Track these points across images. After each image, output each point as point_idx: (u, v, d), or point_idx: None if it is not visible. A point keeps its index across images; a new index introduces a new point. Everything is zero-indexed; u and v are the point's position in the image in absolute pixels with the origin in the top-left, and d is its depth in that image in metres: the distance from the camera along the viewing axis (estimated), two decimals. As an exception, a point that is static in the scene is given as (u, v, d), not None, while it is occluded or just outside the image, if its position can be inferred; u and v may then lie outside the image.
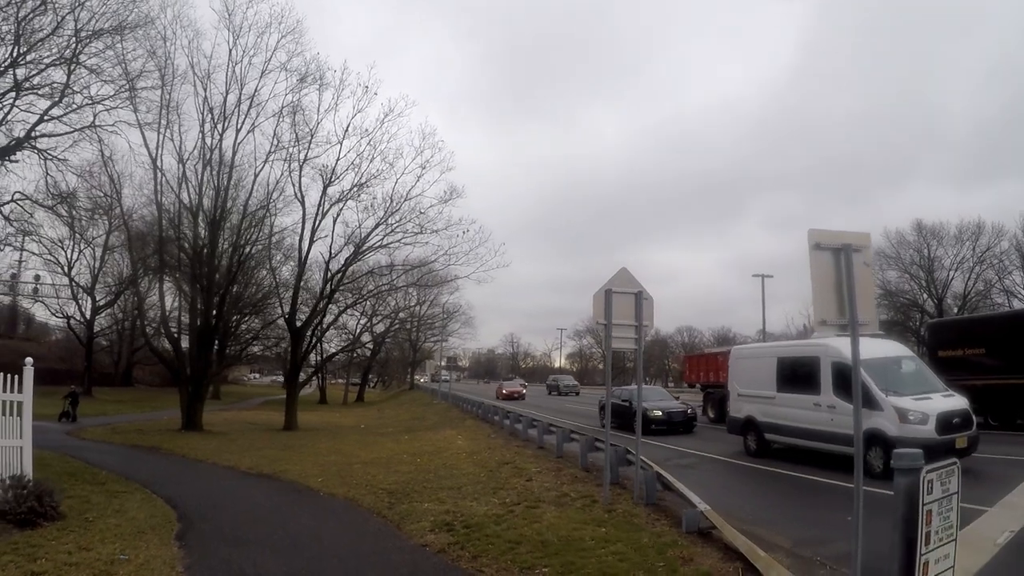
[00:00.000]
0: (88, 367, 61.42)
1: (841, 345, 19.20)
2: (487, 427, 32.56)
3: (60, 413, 34.97)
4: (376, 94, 35.77)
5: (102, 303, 64.63)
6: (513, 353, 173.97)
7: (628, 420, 28.35)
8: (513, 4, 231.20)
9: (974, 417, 17.20)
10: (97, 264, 62.52)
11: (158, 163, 32.64)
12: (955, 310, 63.18)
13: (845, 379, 17.49)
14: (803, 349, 20.98)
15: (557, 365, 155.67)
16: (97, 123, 29.13)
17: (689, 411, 29.03)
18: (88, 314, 64.82)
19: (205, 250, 34.59)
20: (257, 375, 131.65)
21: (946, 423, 16.08)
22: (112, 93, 29.06)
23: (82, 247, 60.92)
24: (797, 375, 19.86)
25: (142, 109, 31.28)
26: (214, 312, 35.03)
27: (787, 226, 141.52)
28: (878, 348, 19.01)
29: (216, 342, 35.79)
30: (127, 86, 29.24)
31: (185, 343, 36.21)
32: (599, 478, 15.86)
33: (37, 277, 64.34)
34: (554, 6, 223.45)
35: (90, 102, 28.45)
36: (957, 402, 17.16)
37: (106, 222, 42.81)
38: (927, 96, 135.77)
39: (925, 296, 70.67)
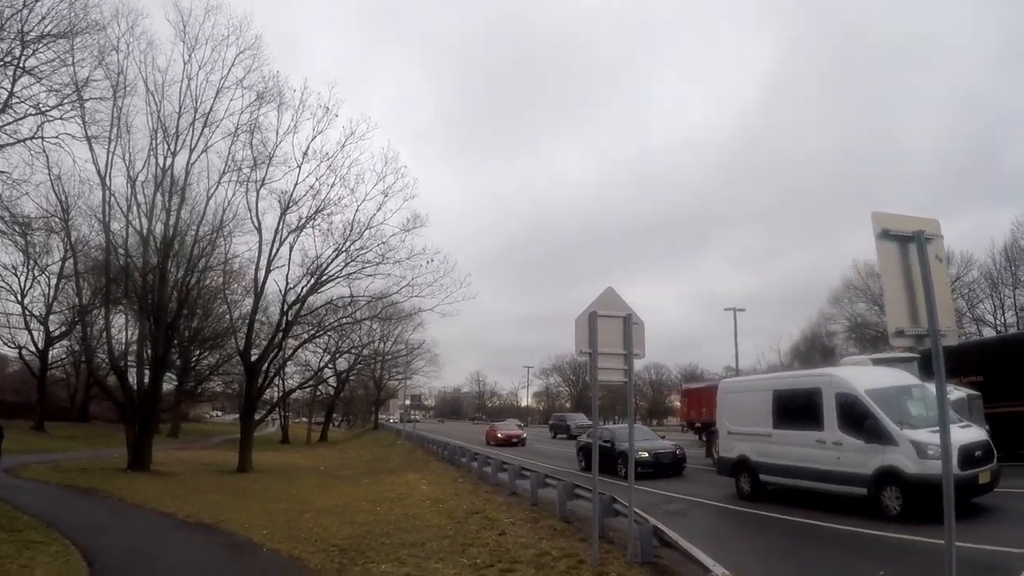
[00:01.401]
0: (40, 400, 58.72)
1: (846, 375, 17.68)
2: (453, 470, 30.56)
3: None
4: (337, 116, 34.04)
5: (56, 333, 61.46)
6: (479, 392, 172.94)
7: (608, 462, 26.54)
8: (477, 40, 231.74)
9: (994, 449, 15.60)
10: (52, 292, 59.81)
11: (107, 182, 30.79)
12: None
13: (852, 412, 16.12)
14: (803, 380, 19.12)
15: (524, 404, 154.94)
16: (41, 134, 27.17)
17: (678, 452, 26.92)
18: (42, 345, 61.74)
19: (154, 278, 32.38)
20: (219, 413, 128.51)
21: (968, 457, 14.36)
22: (58, 103, 27.20)
23: (36, 274, 58.73)
24: (796, 410, 18.08)
25: (90, 122, 29.52)
26: (165, 344, 32.72)
27: (751, 261, 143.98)
28: (883, 377, 17.66)
29: (169, 376, 33.66)
30: (75, 94, 27.38)
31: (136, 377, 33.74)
32: (581, 530, 14.27)
33: None
34: (517, 41, 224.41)
35: (35, 111, 26.55)
36: (976, 433, 15.59)
37: (60, 248, 40.39)
38: (891, 131, 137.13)
39: None
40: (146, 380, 33.03)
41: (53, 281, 58.60)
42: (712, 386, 31.62)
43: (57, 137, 27.71)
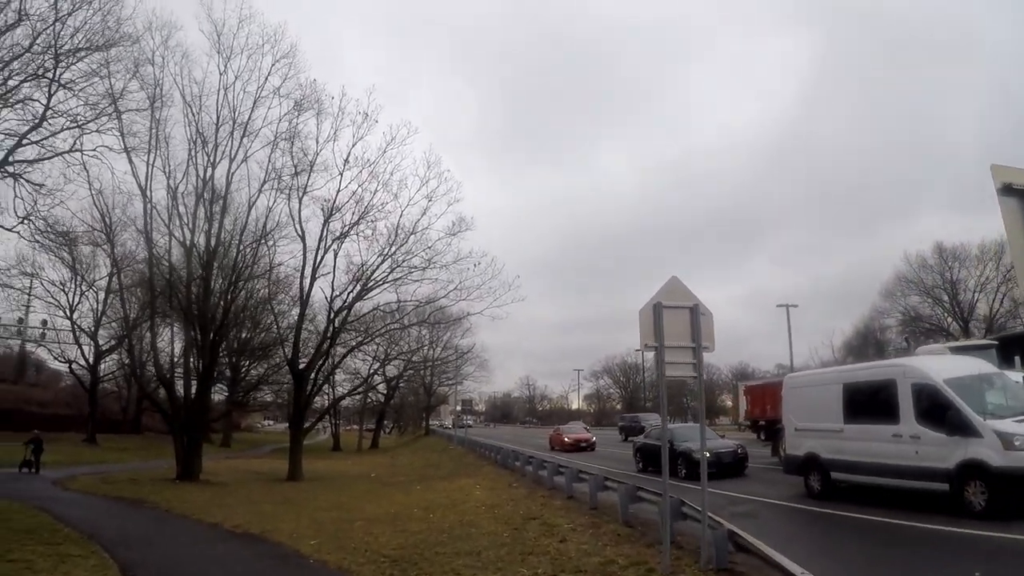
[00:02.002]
0: (92, 413, 58.58)
1: (922, 364, 16.69)
2: (507, 474, 29.74)
3: (21, 462, 32.00)
4: (377, 121, 33.03)
5: (105, 347, 61.30)
6: (530, 396, 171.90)
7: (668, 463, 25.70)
8: (517, 47, 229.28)
9: None
10: (100, 307, 60.13)
11: (147, 194, 30.46)
12: (982, 332, 60.36)
13: (930, 404, 15.14)
14: (875, 372, 18.02)
15: (575, 407, 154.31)
16: (80, 147, 26.87)
17: (739, 451, 25.89)
18: (92, 359, 61.59)
19: (198, 289, 31.97)
20: (271, 422, 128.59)
21: (1059, 447, 13.37)
22: (95, 115, 26.86)
23: (83, 289, 59.14)
24: (869, 403, 17.11)
25: (128, 135, 29.24)
26: (211, 355, 32.32)
27: (797, 259, 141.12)
28: (961, 365, 16.48)
29: (219, 387, 33.22)
30: (111, 107, 27.10)
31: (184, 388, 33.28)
32: (646, 535, 13.57)
33: (44, 322, 60.84)
34: (556, 47, 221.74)
35: (72, 124, 26.24)
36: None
37: (107, 263, 40.12)
38: (933, 124, 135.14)
39: (950, 320, 69.54)
40: (193, 391, 32.44)
41: (101, 296, 59.11)
42: (776, 382, 30.40)
43: (95, 150, 27.69)
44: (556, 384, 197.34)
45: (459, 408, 69.20)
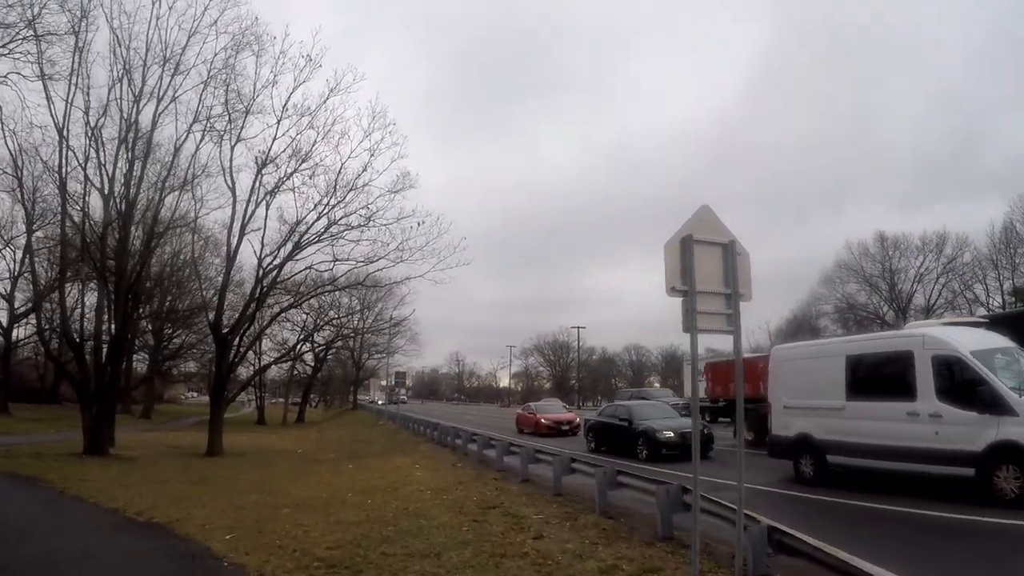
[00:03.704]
0: (4, 381, 55.20)
1: (944, 334, 14.66)
2: (447, 453, 27.44)
3: None
4: (321, 66, 29.71)
5: (21, 310, 57.64)
6: (458, 372, 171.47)
7: (626, 443, 23.89)
8: (463, 22, 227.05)
9: None
10: (16, 267, 56.17)
11: (64, 133, 26.99)
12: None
13: (956, 378, 13.47)
14: (887, 343, 16.17)
15: (503, 384, 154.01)
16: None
17: (705, 431, 23.71)
18: (6, 323, 58.05)
19: (115, 242, 28.85)
20: (195, 394, 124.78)
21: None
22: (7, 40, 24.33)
23: None
24: (878, 377, 15.43)
25: (45, 63, 26.34)
26: (124, 315, 29.12)
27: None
28: (984, 338, 14.86)
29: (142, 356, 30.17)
30: (27, 28, 24.38)
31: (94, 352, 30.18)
32: (636, 529, 11.56)
33: None
34: (503, 25, 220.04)
35: None
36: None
37: (29, 221, 36.55)
38: (872, 122, 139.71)
39: (886, 308, 71.07)
40: (105, 357, 29.31)
41: (19, 255, 54.88)
42: (749, 359, 28.74)
43: (6, 76, 25.01)
44: (485, 361, 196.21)
45: (392, 381, 66.25)
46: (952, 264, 66.93)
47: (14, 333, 59.03)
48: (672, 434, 22.82)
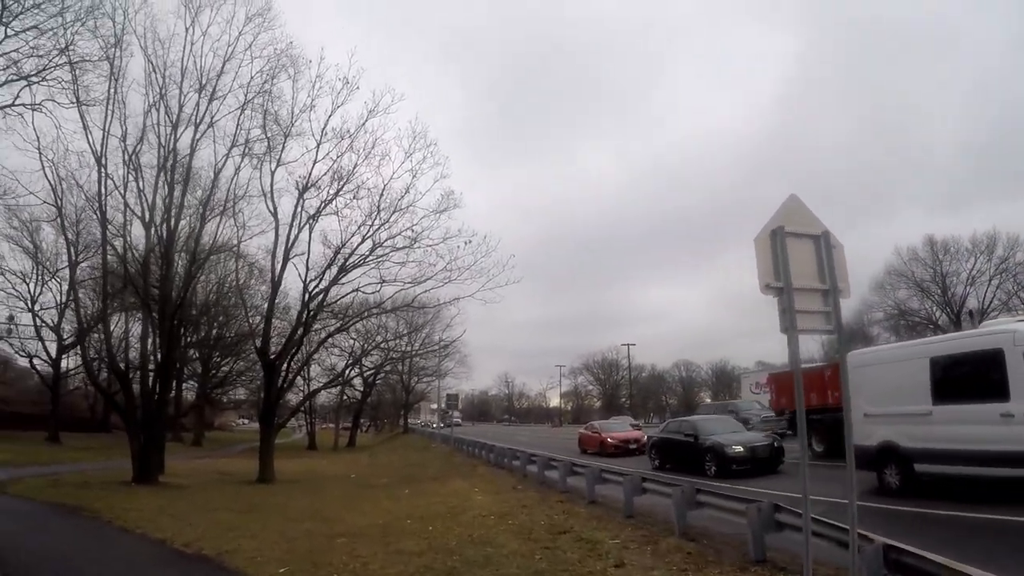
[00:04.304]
0: (54, 410, 55.59)
1: (1039, 328, 13.68)
2: (506, 475, 26.46)
3: None
4: (358, 87, 29.08)
5: (68, 341, 57.55)
6: (508, 393, 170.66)
7: (693, 459, 22.98)
8: (501, 46, 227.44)
9: None
10: (63, 298, 55.98)
11: (103, 161, 26.64)
12: (976, 325, 59.12)
13: None
14: (975, 342, 14.89)
15: (553, 404, 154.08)
16: (19, 102, 23.88)
17: (775, 444, 22.78)
18: (55, 354, 58.22)
19: (159, 269, 28.32)
20: (245, 421, 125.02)
21: None
22: (43, 67, 24.44)
23: (46, 279, 56.00)
24: (966, 379, 14.39)
25: (82, 95, 25.94)
26: (170, 341, 28.65)
27: None
28: None
29: (191, 384, 29.71)
30: (62, 57, 24.20)
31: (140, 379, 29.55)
32: (722, 553, 10.65)
33: (10, 317, 58.35)
34: (538, 42, 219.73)
35: (16, 77, 23.28)
36: None
37: (71, 251, 36.40)
38: (910, 121, 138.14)
39: (939, 313, 69.56)
40: (150, 383, 28.71)
41: (64, 286, 54.66)
42: (808, 369, 27.67)
43: (40, 104, 25.12)
44: (534, 382, 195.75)
45: (443, 404, 65.15)
46: (1005, 264, 65.28)
47: (63, 363, 59.13)
48: (742, 449, 21.78)
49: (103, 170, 26.69)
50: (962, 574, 6.52)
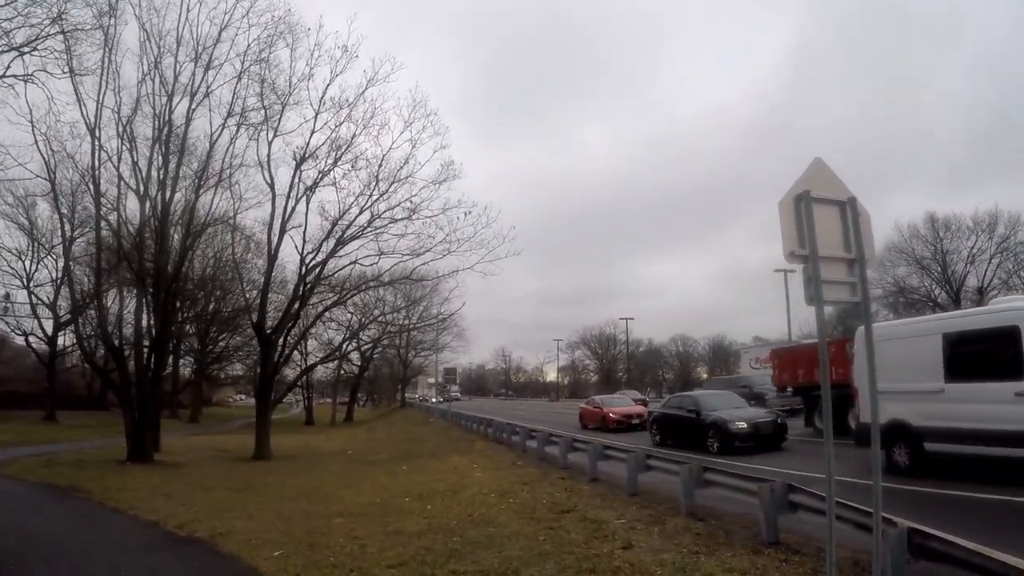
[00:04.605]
0: (51, 388, 55.12)
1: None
2: (505, 451, 26.08)
3: None
4: (357, 56, 28.52)
5: (64, 318, 57.08)
6: (505, 368, 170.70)
7: (695, 435, 22.67)
8: (501, 18, 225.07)
9: None
10: (59, 274, 55.18)
11: (96, 133, 26.11)
12: (975, 304, 58.53)
13: None
14: (988, 318, 14.51)
15: (550, 379, 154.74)
16: (10, 72, 23.47)
17: (779, 420, 22.42)
18: (51, 331, 57.71)
19: (154, 242, 27.97)
20: (243, 396, 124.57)
21: None
22: (33, 38, 23.27)
23: (40, 256, 55.45)
24: (980, 356, 13.98)
25: (76, 66, 25.20)
26: (165, 315, 28.13)
27: (776, 231, 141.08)
28: None
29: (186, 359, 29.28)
30: (57, 22, 23.40)
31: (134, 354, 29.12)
32: (732, 533, 10.32)
33: (7, 295, 57.88)
34: (540, 19, 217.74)
35: (7, 47, 22.76)
36: None
37: (66, 227, 35.85)
38: (913, 100, 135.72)
39: (938, 290, 68.43)
40: (144, 359, 28.27)
41: (61, 263, 53.85)
42: (810, 344, 27.72)
43: (32, 74, 24.10)
44: (531, 356, 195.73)
45: (441, 378, 64.67)
46: (1006, 244, 64.03)
47: (59, 341, 58.72)
48: (745, 425, 21.41)
49: (96, 142, 26.22)
50: (996, 561, 6.15)
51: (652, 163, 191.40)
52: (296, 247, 30.96)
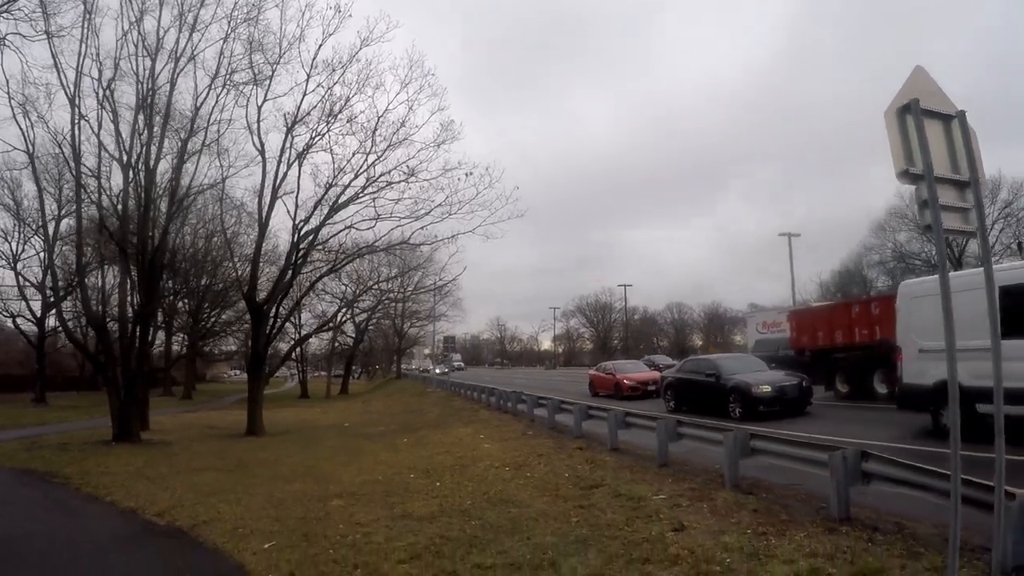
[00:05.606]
0: (40, 371, 54.10)
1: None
2: (512, 420, 24.61)
3: None
4: (351, 15, 27.07)
5: (53, 298, 55.98)
6: (500, 337, 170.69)
7: (714, 400, 21.49)
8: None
9: None
10: (47, 254, 54.25)
11: (76, 101, 24.63)
12: None
13: None
14: None
15: (545, 347, 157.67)
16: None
17: (804, 383, 21.23)
18: (40, 313, 56.40)
19: (138, 212, 26.35)
20: (237, 372, 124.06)
21: None
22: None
23: (27, 236, 54.43)
24: None
25: (55, 32, 23.97)
26: (149, 288, 26.65)
27: (771, 201, 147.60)
28: None
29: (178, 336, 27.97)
30: None
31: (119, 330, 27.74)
32: (788, 507, 9.11)
33: None
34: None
35: None
36: None
37: (49, 203, 34.46)
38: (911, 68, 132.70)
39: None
40: (129, 335, 26.84)
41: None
42: (832, 307, 28.15)
43: (4, 37, 23.31)
44: (526, 326, 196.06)
45: (441, 346, 63.03)
46: (1008, 209, 64.10)
47: (48, 322, 57.16)
48: (770, 388, 20.16)
49: (76, 110, 24.71)
50: None
51: (647, 133, 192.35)
52: (288, 212, 29.72)
